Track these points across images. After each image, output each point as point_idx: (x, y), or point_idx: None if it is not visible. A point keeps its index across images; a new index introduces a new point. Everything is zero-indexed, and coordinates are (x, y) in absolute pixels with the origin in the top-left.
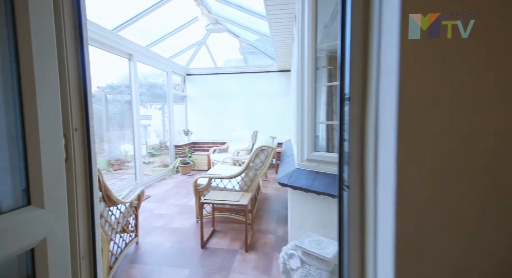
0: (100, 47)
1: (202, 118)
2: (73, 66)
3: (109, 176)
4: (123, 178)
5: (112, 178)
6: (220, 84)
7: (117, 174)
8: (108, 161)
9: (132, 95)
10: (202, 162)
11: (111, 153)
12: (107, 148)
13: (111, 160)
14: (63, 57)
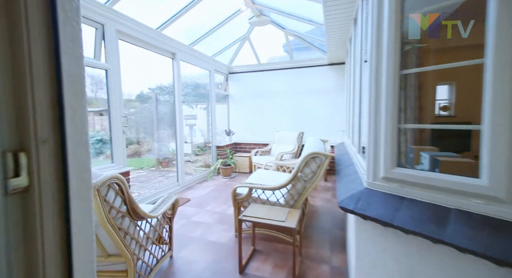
0: (146, 47)
1: (244, 118)
2: (39, 49)
3: (157, 174)
4: (169, 176)
5: (159, 175)
6: (264, 82)
7: (165, 172)
8: (157, 159)
9: (175, 95)
10: (244, 164)
11: (160, 151)
12: (156, 146)
13: (160, 158)
14: (19, 35)
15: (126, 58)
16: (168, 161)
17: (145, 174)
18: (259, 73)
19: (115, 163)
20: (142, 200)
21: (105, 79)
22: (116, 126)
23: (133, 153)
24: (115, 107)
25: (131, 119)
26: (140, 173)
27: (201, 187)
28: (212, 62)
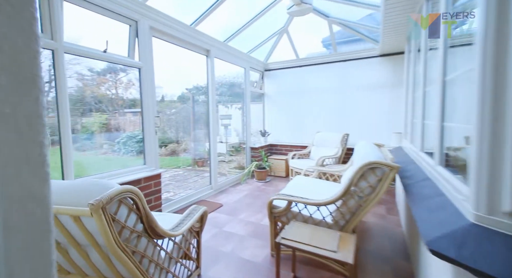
0: (180, 44)
1: (281, 118)
2: None
3: (193, 173)
4: (204, 176)
5: (195, 175)
6: (303, 79)
7: (200, 171)
8: (193, 159)
9: (208, 93)
10: (280, 167)
11: (196, 150)
12: (193, 145)
13: (196, 158)
14: None
15: (167, 59)
16: (203, 160)
17: (181, 173)
18: (297, 69)
19: (147, 164)
20: (175, 203)
21: (139, 78)
22: (148, 127)
23: (172, 152)
24: (148, 107)
25: (172, 119)
26: (177, 172)
27: (234, 190)
28: (247, 59)
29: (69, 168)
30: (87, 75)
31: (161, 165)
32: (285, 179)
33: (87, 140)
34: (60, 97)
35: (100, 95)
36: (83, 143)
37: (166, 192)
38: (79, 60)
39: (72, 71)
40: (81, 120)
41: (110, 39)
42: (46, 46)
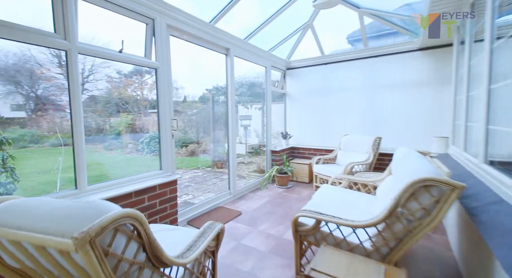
0: (198, 43)
1: (304, 119)
2: None
3: (212, 175)
4: (223, 178)
5: (214, 176)
6: (328, 77)
7: (219, 173)
8: (213, 160)
9: (227, 93)
10: (302, 172)
11: (215, 151)
12: (212, 146)
13: (215, 159)
14: None
15: (188, 59)
16: (223, 162)
17: (201, 174)
18: (323, 67)
19: (164, 169)
20: (191, 210)
21: (155, 78)
22: (165, 130)
23: (192, 152)
24: (164, 109)
25: (192, 120)
26: (196, 173)
27: (254, 197)
28: (269, 57)
29: (82, 169)
30: (115, 78)
31: (181, 166)
32: (309, 185)
33: (114, 139)
34: (73, 98)
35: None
36: (110, 142)
37: (184, 194)
38: (109, 64)
39: (102, 74)
40: (109, 121)
41: (127, 39)
42: (58, 46)
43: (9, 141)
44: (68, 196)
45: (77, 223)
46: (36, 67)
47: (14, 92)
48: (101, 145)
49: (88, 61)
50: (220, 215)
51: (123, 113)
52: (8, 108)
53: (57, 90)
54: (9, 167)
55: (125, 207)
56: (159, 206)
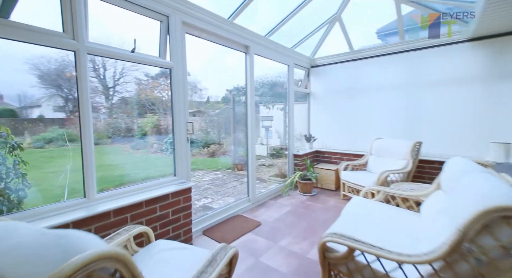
0: (216, 41)
1: (329, 121)
2: None
3: (232, 177)
4: (244, 181)
5: (234, 179)
6: (357, 74)
7: (240, 176)
8: (233, 162)
9: (247, 93)
10: (328, 178)
11: (236, 153)
12: (233, 148)
13: (235, 160)
14: None
15: (210, 59)
16: (243, 164)
17: (221, 176)
18: (352, 63)
19: (178, 176)
20: (208, 218)
21: (169, 79)
22: (179, 133)
23: (213, 153)
24: (179, 111)
25: (214, 120)
26: (216, 175)
27: (275, 205)
28: (291, 54)
29: (90, 176)
30: (143, 80)
31: (201, 167)
32: (335, 193)
33: (140, 139)
34: (82, 100)
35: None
36: (137, 142)
37: (204, 198)
38: (137, 67)
39: (131, 76)
40: (137, 121)
41: (141, 38)
42: (66, 46)
43: (21, 145)
44: (75, 206)
45: (36, 268)
46: (74, 71)
47: (55, 95)
48: (129, 145)
49: (119, 65)
50: (238, 225)
51: (149, 114)
52: (50, 110)
53: (92, 92)
54: (20, 172)
55: (136, 217)
56: (172, 215)
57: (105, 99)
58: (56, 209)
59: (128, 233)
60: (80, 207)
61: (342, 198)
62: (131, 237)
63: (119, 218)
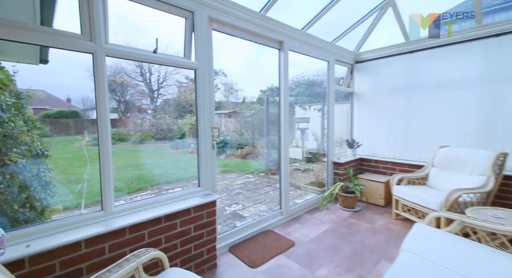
0: (246, 38)
1: (377, 124)
2: None
3: (265, 182)
4: (277, 187)
5: (267, 184)
6: (415, 69)
7: (273, 180)
8: (266, 165)
9: (280, 92)
10: (375, 191)
11: (269, 156)
12: (266, 151)
13: (268, 164)
14: None
15: (245, 60)
16: (276, 168)
17: (253, 180)
18: (407, 56)
19: (202, 186)
20: (234, 233)
21: (194, 80)
22: (204, 140)
23: (246, 155)
24: (204, 115)
25: (248, 121)
26: (249, 178)
27: (311, 220)
28: (332, 49)
29: (108, 187)
30: (184, 83)
31: (234, 169)
32: (384, 210)
33: (179, 139)
34: (99, 104)
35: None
36: (176, 142)
37: (234, 204)
38: (178, 70)
39: (173, 80)
40: (177, 122)
41: (164, 38)
42: (83, 49)
43: (46, 152)
44: (92, 219)
45: None
46: (125, 77)
47: (110, 99)
48: (169, 144)
49: (162, 69)
50: (268, 243)
51: (188, 115)
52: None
53: (139, 95)
54: (44, 180)
55: (154, 233)
56: (194, 232)
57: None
58: (72, 222)
59: (137, 260)
60: (97, 221)
61: (394, 217)
62: (140, 265)
63: (136, 235)
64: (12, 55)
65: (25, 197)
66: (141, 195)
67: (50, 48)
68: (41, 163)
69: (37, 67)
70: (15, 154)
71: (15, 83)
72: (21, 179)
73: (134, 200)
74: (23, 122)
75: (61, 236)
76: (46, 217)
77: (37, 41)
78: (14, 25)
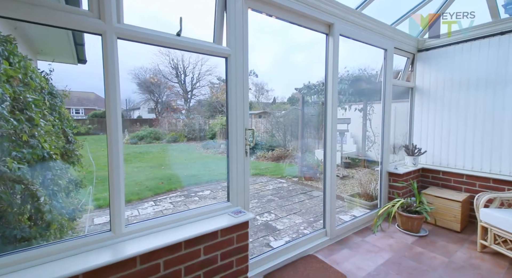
0: (288, 19)
1: (447, 126)
2: None
3: (299, 188)
4: (313, 195)
5: (301, 191)
6: (503, 56)
7: (308, 187)
8: (300, 170)
9: (327, 86)
10: (448, 212)
11: (303, 160)
12: (299, 154)
13: (303, 168)
14: None
15: (276, 58)
16: (312, 173)
17: (286, 185)
18: (493, 40)
19: (232, 202)
20: (268, 258)
21: (225, 71)
22: (235, 144)
23: (278, 157)
24: (236, 114)
25: (280, 122)
26: (281, 183)
27: (363, 245)
28: (392, 34)
29: (118, 205)
30: (216, 83)
31: (265, 172)
32: (461, 238)
33: (210, 139)
34: (108, 96)
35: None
36: (207, 142)
37: (266, 213)
38: (211, 71)
39: (205, 81)
40: (209, 122)
41: (191, 20)
42: (91, 29)
43: (54, 155)
44: (97, 242)
45: None
46: (162, 78)
47: (149, 100)
48: (200, 144)
49: (196, 70)
50: (312, 275)
51: (219, 115)
52: (146, 112)
53: (174, 96)
54: (52, 189)
55: (171, 263)
56: (221, 260)
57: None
58: (74, 246)
59: None
60: (102, 245)
61: (479, 249)
62: None
63: (148, 265)
64: (49, 54)
65: (27, 210)
66: (170, 196)
67: (86, 48)
68: (50, 168)
69: (88, 70)
70: (13, 158)
71: (50, 82)
72: (22, 188)
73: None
74: (58, 120)
75: (54, 266)
76: (51, 232)
77: (31, 18)
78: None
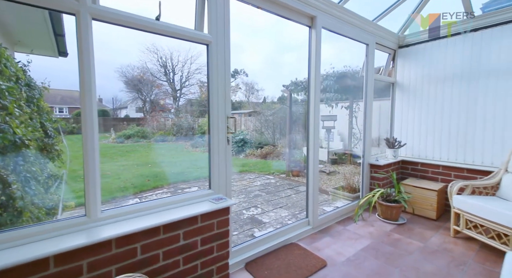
0: (270, 10)
1: (424, 119)
2: None
3: (286, 184)
4: (300, 190)
5: (288, 186)
6: (477, 52)
7: (295, 182)
8: (287, 166)
9: (310, 82)
10: (425, 201)
11: (291, 156)
12: (287, 151)
13: (290, 164)
14: None
15: (266, 57)
16: (299, 170)
17: (273, 181)
18: (469, 37)
19: (213, 189)
20: (251, 245)
21: (206, 59)
22: (216, 132)
23: (266, 154)
24: (217, 102)
25: (269, 121)
26: (269, 179)
27: (344, 233)
28: (373, 30)
29: (93, 188)
30: (205, 82)
31: (253, 169)
32: (436, 225)
33: (199, 138)
34: (83, 83)
35: None
36: (196, 140)
37: (253, 207)
38: (200, 70)
39: (195, 79)
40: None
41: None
42: (63, 8)
43: (26, 142)
44: (71, 227)
45: None
46: (150, 77)
47: (137, 98)
48: (189, 143)
49: (185, 69)
50: (293, 260)
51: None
52: (133, 111)
53: (163, 95)
54: (24, 175)
55: (149, 247)
56: (201, 246)
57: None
58: (46, 230)
59: None
60: (76, 230)
61: (453, 234)
62: None
63: (125, 249)
64: (28, 46)
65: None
66: (156, 193)
67: (66, 40)
68: (23, 155)
69: (71, 68)
70: None
71: (28, 73)
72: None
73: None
74: (36, 113)
75: (25, 249)
76: (23, 220)
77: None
78: None
